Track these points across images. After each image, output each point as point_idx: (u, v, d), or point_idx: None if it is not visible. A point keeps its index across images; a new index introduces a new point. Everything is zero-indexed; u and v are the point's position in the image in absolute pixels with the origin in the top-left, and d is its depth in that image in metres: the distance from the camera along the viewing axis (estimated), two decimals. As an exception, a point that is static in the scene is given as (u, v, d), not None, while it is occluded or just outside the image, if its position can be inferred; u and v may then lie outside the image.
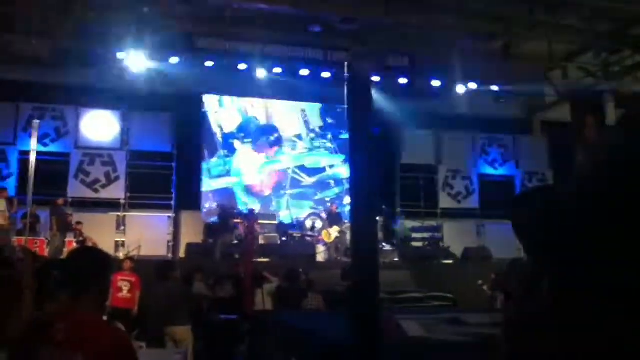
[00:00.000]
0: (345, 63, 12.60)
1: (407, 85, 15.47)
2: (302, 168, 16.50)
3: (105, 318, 7.36)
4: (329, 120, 16.79)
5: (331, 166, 16.67)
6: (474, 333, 4.09)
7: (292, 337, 4.68)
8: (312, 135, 16.75)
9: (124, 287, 9.40)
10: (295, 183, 16.33)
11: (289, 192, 16.18)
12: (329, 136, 16.77)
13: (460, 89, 15.64)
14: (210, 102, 16.11)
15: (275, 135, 16.43)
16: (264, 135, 16.36)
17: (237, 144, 16.09)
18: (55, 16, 12.61)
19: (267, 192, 16.06)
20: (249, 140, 16.20)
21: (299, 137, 16.67)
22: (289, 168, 16.37)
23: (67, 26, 12.77)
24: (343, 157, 16.49)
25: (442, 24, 13.20)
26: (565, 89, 16.02)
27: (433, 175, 17.11)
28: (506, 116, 17.45)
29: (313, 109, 16.87)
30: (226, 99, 16.26)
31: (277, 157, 16.37)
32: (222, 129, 16.05)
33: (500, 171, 17.74)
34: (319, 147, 16.76)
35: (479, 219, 16.81)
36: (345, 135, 15.73)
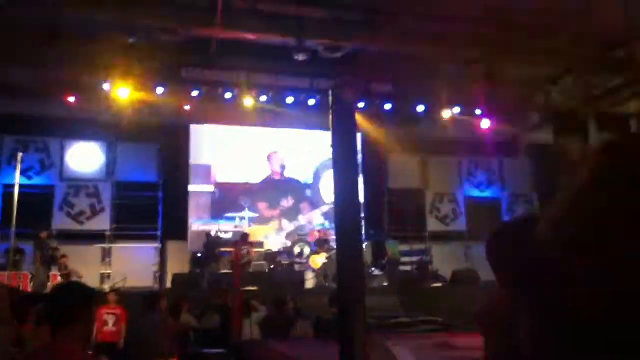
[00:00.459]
0: (330, 90, 12.67)
1: (392, 110, 15.63)
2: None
3: (90, 353, 7.24)
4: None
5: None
6: (464, 357, 4.06)
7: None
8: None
9: (109, 320, 9.23)
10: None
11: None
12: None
13: (445, 113, 15.82)
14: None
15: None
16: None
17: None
18: (39, 46, 12.60)
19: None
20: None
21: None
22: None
23: (51, 57, 12.77)
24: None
25: (426, 51, 13.39)
26: (549, 113, 16.25)
27: (420, 200, 17.16)
28: (491, 139, 17.63)
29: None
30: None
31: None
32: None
33: (487, 193, 17.85)
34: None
35: (466, 241, 16.84)
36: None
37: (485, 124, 16.42)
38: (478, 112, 16.15)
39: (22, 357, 2.50)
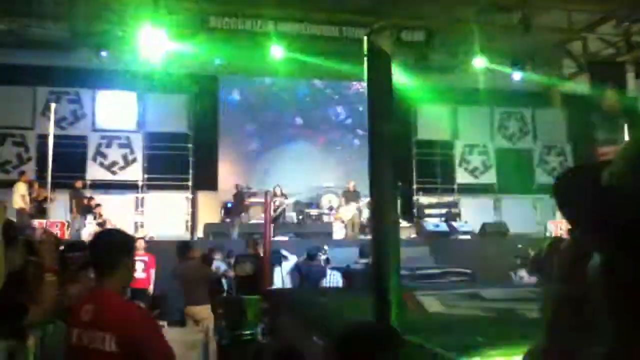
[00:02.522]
0: (365, 38, 12.42)
1: (423, 59, 15.27)
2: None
3: (127, 297, 7.49)
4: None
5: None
6: (492, 308, 4.07)
7: (312, 315, 4.69)
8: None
9: (138, 266, 9.42)
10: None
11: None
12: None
13: (477, 62, 15.40)
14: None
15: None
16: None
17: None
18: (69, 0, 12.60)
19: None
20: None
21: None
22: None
23: (81, 9, 12.76)
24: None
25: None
26: (585, 61, 15.72)
27: (449, 151, 16.97)
28: (524, 89, 17.19)
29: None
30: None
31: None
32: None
33: (518, 145, 17.53)
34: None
35: (496, 194, 16.69)
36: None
37: (518, 73, 15.97)
38: (511, 60, 15.68)
39: (69, 302, 2.59)
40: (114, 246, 2.58)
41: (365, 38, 2.59)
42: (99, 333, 2.37)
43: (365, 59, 2.51)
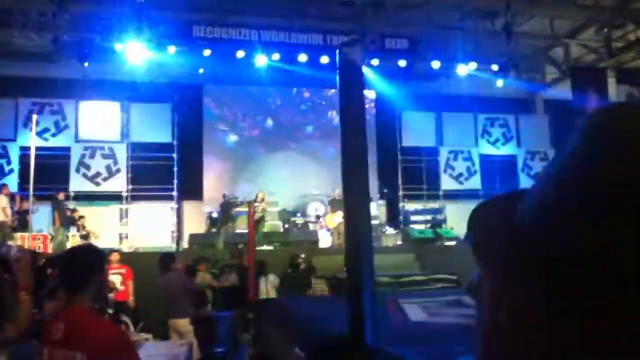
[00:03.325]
0: (337, 51, 12.50)
1: (407, 67, 15.35)
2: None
3: (111, 312, 7.39)
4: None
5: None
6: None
7: (295, 325, 4.67)
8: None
9: (116, 280, 9.27)
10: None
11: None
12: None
13: (461, 69, 15.51)
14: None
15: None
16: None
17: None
18: (52, 9, 12.53)
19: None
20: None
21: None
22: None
23: (64, 19, 12.71)
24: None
25: (443, 2, 13.06)
26: (567, 67, 15.90)
27: (434, 157, 17.05)
28: (508, 95, 17.33)
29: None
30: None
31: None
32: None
33: (502, 151, 17.65)
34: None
35: (481, 200, 16.73)
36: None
37: (502, 79, 16.10)
38: (494, 67, 15.81)
39: (40, 320, 2.55)
40: (82, 264, 2.54)
41: (337, 51, 2.59)
42: (70, 352, 2.33)
43: (337, 71, 2.51)
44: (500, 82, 16.11)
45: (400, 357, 2.74)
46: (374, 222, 10.67)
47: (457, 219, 15.71)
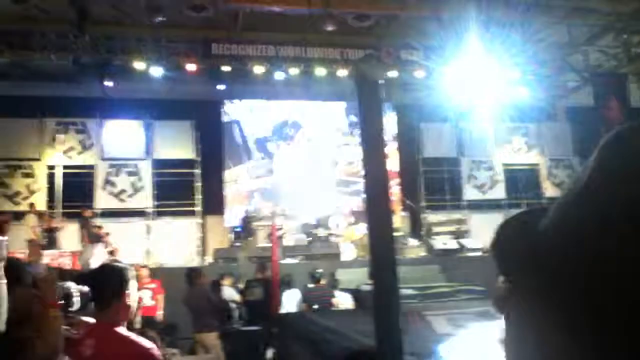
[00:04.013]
0: (353, 64, 12.62)
1: (425, 78, 15.32)
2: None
3: (138, 327, 7.47)
4: (353, 118, 16.77)
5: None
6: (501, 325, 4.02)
7: (319, 338, 4.67)
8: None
9: (144, 295, 9.40)
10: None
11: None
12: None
13: (479, 78, 15.38)
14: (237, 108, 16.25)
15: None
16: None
17: (271, 146, 16.25)
18: (71, 31, 12.80)
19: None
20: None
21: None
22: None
23: (83, 40, 12.97)
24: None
25: (458, 12, 13.04)
26: (587, 73, 15.74)
27: (456, 168, 16.94)
28: (529, 103, 17.17)
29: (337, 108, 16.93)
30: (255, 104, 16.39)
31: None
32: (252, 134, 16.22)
33: (525, 159, 17.47)
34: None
35: (505, 209, 16.58)
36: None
37: (522, 87, 15.96)
38: (515, 75, 15.68)
39: (69, 339, 2.60)
40: (112, 280, 2.60)
41: (354, 66, 2.64)
42: (99, 368, 2.38)
43: (355, 86, 2.55)
44: (520, 90, 15.96)
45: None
46: (396, 233, 10.61)
47: (481, 229, 15.57)
